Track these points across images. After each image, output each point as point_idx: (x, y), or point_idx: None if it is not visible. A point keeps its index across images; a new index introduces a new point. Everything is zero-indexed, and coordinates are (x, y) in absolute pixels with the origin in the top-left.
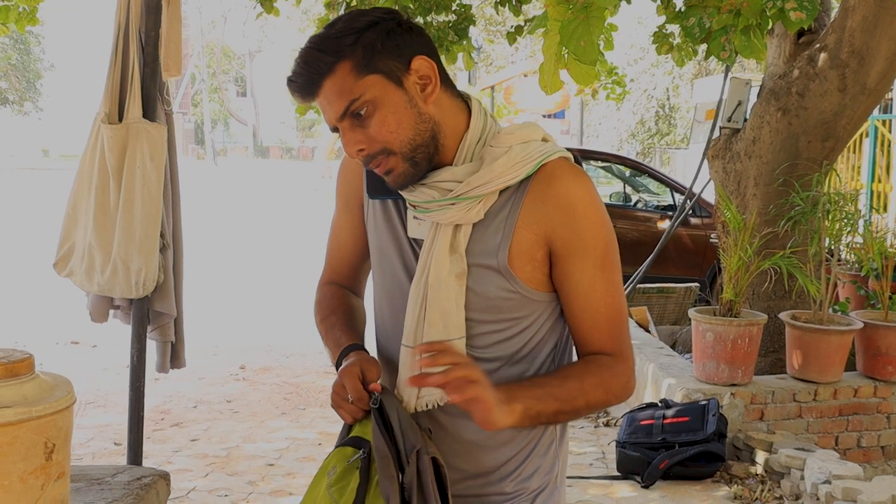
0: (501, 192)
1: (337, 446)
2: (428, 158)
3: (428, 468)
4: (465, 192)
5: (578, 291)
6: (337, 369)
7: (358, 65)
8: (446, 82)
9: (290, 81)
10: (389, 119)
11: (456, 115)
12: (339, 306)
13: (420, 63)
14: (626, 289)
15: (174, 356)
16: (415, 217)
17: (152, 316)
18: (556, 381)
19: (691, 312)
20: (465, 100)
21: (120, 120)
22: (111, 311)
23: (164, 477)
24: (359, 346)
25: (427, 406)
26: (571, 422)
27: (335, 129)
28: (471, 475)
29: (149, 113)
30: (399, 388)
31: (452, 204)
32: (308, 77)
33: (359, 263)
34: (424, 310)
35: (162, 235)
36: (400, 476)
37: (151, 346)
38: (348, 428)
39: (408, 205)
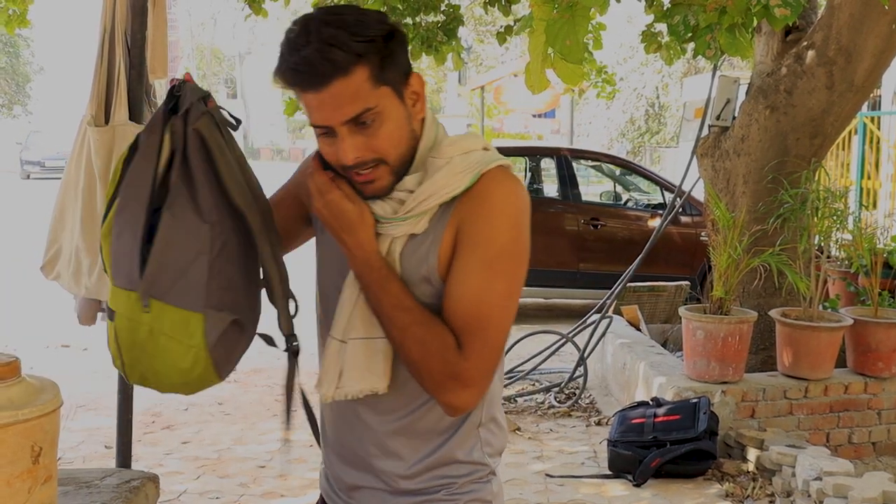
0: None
1: None
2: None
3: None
4: (413, 207)
5: (451, 279)
6: None
7: (375, 73)
8: None
9: (295, 71)
10: (395, 133)
11: (419, 124)
12: None
13: (415, 79)
14: (616, 287)
15: None
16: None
17: None
18: (409, 300)
19: (682, 311)
20: None
21: (106, 123)
22: (99, 314)
23: (153, 479)
24: None
25: (346, 397)
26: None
27: (324, 129)
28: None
29: (135, 115)
30: (319, 379)
31: (403, 220)
32: (318, 71)
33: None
34: (356, 308)
35: None
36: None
37: None
38: None
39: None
